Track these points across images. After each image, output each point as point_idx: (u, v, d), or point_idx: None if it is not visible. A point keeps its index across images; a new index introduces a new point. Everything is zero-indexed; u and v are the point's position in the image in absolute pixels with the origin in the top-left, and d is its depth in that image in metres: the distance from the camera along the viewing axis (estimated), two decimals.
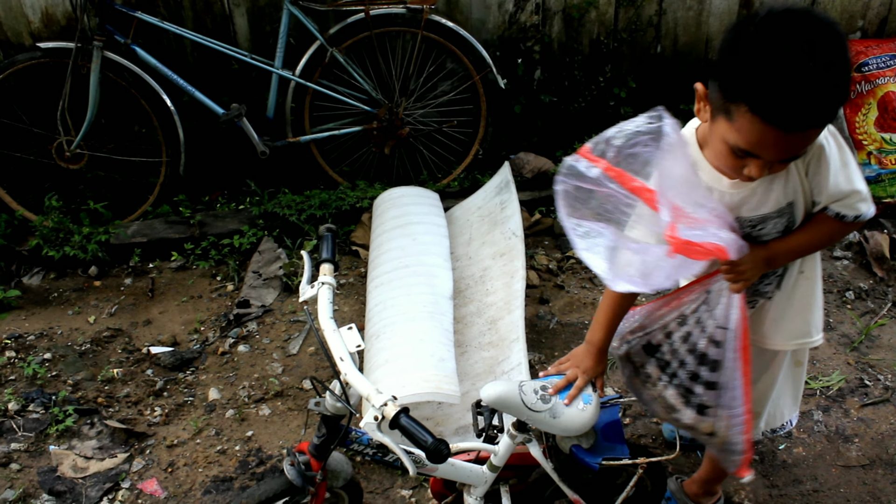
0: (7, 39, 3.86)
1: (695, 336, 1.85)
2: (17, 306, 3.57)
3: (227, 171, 4.35)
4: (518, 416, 1.94)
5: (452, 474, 2.13)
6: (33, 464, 2.76)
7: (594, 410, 1.94)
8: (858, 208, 1.71)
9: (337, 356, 1.77)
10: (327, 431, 1.95)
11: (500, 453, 2.10)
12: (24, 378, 3.13)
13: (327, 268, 1.95)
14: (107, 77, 3.76)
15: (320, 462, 2.00)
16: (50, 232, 3.75)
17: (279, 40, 3.87)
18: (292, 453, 2.02)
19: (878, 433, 2.84)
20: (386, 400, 1.66)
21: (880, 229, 3.88)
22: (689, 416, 1.92)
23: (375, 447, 2.03)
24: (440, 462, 1.62)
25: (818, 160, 1.67)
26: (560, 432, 1.96)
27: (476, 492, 2.19)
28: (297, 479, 1.97)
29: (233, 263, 3.79)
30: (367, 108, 4.10)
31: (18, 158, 4.02)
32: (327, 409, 1.90)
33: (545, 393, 1.93)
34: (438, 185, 4.23)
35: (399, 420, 1.63)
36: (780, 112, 1.44)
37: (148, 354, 3.27)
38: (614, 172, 1.68)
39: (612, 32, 4.33)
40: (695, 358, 1.86)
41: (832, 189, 1.68)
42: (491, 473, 2.14)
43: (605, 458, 2.00)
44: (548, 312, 3.48)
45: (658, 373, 1.96)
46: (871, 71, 4.13)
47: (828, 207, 1.73)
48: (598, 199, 1.70)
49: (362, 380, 1.72)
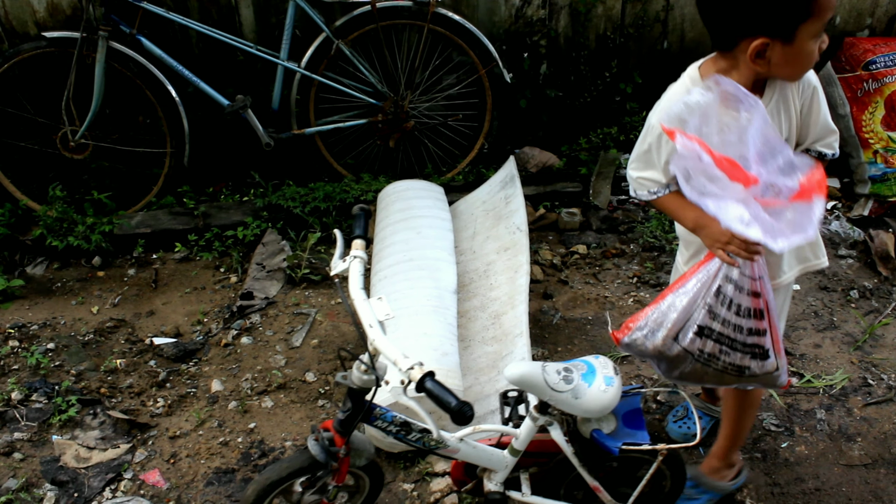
0: (12, 29, 3.85)
1: (736, 298, 1.95)
2: (20, 296, 3.57)
3: (232, 163, 4.35)
4: (540, 395, 1.96)
5: (474, 457, 2.15)
6: (36, 453, 2.77)
7: (616, 392, 1.97)
8: (834, 147, 1.96)
9: (366, 323, 1.82)
10: (353, 406, 1.96)
11: (521, 437, 2.12)
12: (27, 368, 3.13)
13: (359, 243, 2.02)
14: (112, 67, 3.75)
15: (344, 438, 2.01)
16: (54, 222, 3.75)
17: (285, 32, 3.86)
18: (317, 430, 2.04)
19: (880, 432, 2.84)
20: (413, 364, 1.70)
21: (885, 228, 3.87)
22: (755, 365, 2.04)
23: (398, 425, 2.04)
24: (464, 424, 1.66)
25: (812, 98, 1.88)
26: (581, 413, 1.98)
27: (496, 477, 2.22)
28: (321, 453, 1.99)
29: (236, 255, 3.79)
30: (373, 100, 4.09)
31: (23, 148, 4.02)
32: (354, 383, 1.92)
33: (568, 374, 1.95)
34: (443, 179, 4.23)
35: (425, 383, 1.68)
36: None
37: (151, 345, 3.27)
38: (703, 146, 1.77)
39: (618, 27, 4.31)
40: (742, 316, 1.98)
41: (821, 128, 1.91)
42: (512, 458, 2.16)
43: (625, 443, 2.02)
44: (551, 307, 3.48)
45: (717, 347, 2.02)
46: (879, 69, 4.11)
47: (810, 148, 1.95)
48: (705, 175, 1.78)
49: (390, 345, 1.77)
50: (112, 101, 3.98)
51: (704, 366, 2.07)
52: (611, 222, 4.04)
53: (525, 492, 2.25)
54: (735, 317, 1.98)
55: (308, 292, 3.59)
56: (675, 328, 2.03)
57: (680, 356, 2.07)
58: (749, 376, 2.07)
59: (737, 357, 2.03)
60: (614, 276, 3.70)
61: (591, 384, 1.95)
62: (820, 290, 3.56)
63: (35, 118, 3.96)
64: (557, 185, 4.18)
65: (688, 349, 2.04)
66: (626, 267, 3.75)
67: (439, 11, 3.93)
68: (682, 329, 2.03)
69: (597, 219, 4.04)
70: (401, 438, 2.08)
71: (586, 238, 3.95)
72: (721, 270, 1.95)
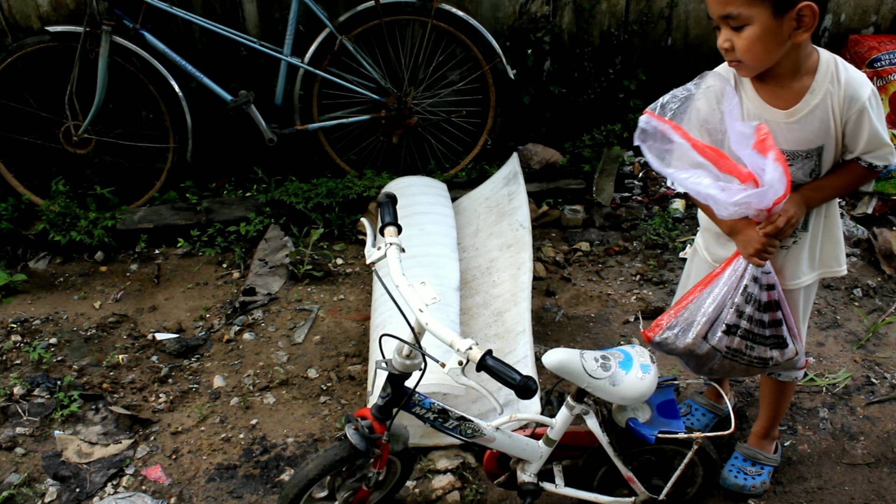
0: (16, 23, 3.85)
1: (756, 293, 2.06)
2: (23, 290, 3.57)
3: (235, 158, 4.34)
4: (578, 382, 1.98)
5: (509, 446, 2.17)
6: (38, 448, 2.77)
7: (653, 380, 1.99)
8: (889, 159, 1.97)
9: (416, 307, 1.84)
10: (392, 391, 1.98)
11: (557, 426, 2.14)
12: (29, 363, 3.13)
13: (392, 230, 2.03)
14: (115, 62, 3.75)
15: (384, 425, 2.03)
16: (56, 216, 3.75)
17: (288, 27, 3.85)
18: (353, 419, 2.06)
19: (883, 431, 2.83)
20: (470, 344, 1.74)
21: (889, 227, 3.86)
22: (777, 355, 2.15)
23: (436, 412, 2.06)
24: (530, 397, 1.69)
25: (859, 118, 1.90)
26: (618, 400, 2.00)
27: (530, 468, 2.23)
28: (361, 442, 2.00)
29: (239, 251, 3.78)
30: (376, 96, 4.08)
31: (26, 142, 4.02)
32: (395, 368, 1.95)
33: (606, 361, 1.97)
34: (446, 176, 4.22)
35: (486, 361, 1.72)
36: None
37: (153, 341, 3.27)
38: (677, 129, 1.88)
39: (622, 24, 4.30)
40: (763, 311, 2.08)
41: (871, 142, 1.93)
42: (547, 448, 2.18)
43: (661, 432, 2.03)
44: (554, 305, 3.47)
45: (743, 343, 2.12)
46: (884, 67, 4.10)
47: (860, 158, 1.97)
48: (675, 151, 1.90)
49: (444, 327, 1.80)
50: (115, 95, 3.98)
51: (732, 361, 2.16)
52: (614, 219, 4.03)
53: (559, 483, 2.27)
54: (757, 312, 2.08)
55: (310, 288, 3.58)
56: (705, 328, 2.12)
57: (709, 354, 2.16)
58: (773, 365, 2.20)
59: (761, 350, 2.14)
60: (617, 273, 3.69)
61: (628, 372, 1.97)
62: (823, 288, 3.55)
63: (38, 113, 3.95)
64: (561, 182, 4.17)
65: (716, 347, 2.13)
66: (628, 264, 3.75)
67: (443, 7, 3.92)
68: (711, 328, 2.12)
69: (600, 216, 4.03)
70: (438, 426, 2.09)
71: (589, 235, 3.94)
72: (748, 271, 2.04)
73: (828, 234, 2.17)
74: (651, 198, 4.21)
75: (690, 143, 1.86)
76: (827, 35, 4.47)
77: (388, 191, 2.16)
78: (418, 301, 1.85)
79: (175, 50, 3.81)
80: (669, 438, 2.05)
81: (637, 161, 4.42)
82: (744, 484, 2.55)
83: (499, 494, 2.59)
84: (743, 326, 2.09)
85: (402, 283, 1.90)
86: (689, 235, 3.87)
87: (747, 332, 2.10)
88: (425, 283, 1.90)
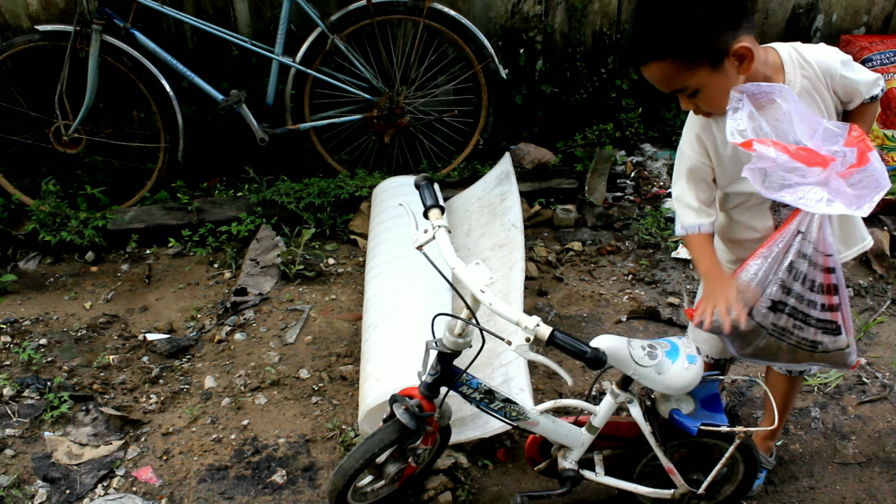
0: (5, 22, 3.83)
1: (810, 273, 1.99)
2: (12, 291, 3.55)
3: (226, 158, 4.33)
4: (625, 370, 1.98)
5: (552, 432, 2.19)
6: (28, 450, 2.75)
7: (698, 371, 1.99)
8: (881, 84, 2.00)
9: (476, 289, 1.87)
10: (441, 369, 2.03)
11: (600, 414, 2.15)
12: (19, 363, 3.12)
13: (436, 212, 2.02)
14: (105, 61, 3.73)
15: (432, 402, 2.08)
16: (47, 216, 3.73)
17: (280, 26, 3.84)
18: (400, 399, 2.10)
19: (874, 431, 2.84)
20: (537, 322, 1.78)
21: (880, 226, 3.87)
22: (828, 340, 2.08)
23: (483, 392, 2.09)
24: (600, 367, 1.75)
25: (844, 80, 1.94)
26: (663, 389, 2.00)
27: (571, 455, 2.25)
28: (412, 422, 2.05)
29: (230, 251, 3.77)
30: (368, 96, 4.07)
31: (15, 142, 4.00)
32: (446, 347, 1.99)
33: (653, 350, 1.98)
34: (438, 175, 4.21)
35: (555, 338, 1.77)
36: (625, 54, 1.79)
37: (144, 341, 3.26)
38: (777, 145, 1.84)
39: (615, 24, 4.30)
40: (816, 292, 2.01)
41: (864, 84, 1.96)
42: (589, 436, 2.20)
43: (703, 424, 2.03)
44: (546, 304, 3.47)
45: (791, 321, 2.06)
46: (875, 67, 4.11)
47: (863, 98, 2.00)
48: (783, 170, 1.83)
49: (508, 306, 1.83)
50: (106, 95, 3.96)
51: (778, 340, 2.11)
52: (606, 219, 4.03)
53: (599, 472, 2.28)
54: (809, 292, 2.02)
55: (302, 288, 3.57)
56: (749, 304, 2.09)
57: (754, 331, 2.11)
58: (822, 352, 2.12)
59: (810, 332, 2.07)
60: (609, 273, 3.69)
61: (674, 361, 1.98)
62: None
63: (28, 112, 3.94)
64: (553, 182, 4.17)
65: (761, 324, 2.08)
66: (621, 264, 3.75)
67: (435, 7, 3.91)
68: (755, 304, 2.08)
69: (592, 216, 4.03)
70: (483, 407, 2.12)
71: (581, 235, 3.94)
72: (793, 245, 1.98)
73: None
74: (643, 197, 4.22)
75: (790, 153, 1.83)
76: (819, 35, 4.48)
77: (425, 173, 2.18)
78: (478, 282, 1.87)
79: (166, 49, 3.79)
80: (712, 431, 2.05)
81: (629, 161, 4.43)
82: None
83: (490, 495, 2.59)
84: (791, 304, 2.04)
85: (459, 265, 1.91)
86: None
87: (795, 311, 2.05)
88: (480, 264, 1.93)
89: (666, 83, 1.84)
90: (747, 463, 2.28)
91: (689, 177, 2.06)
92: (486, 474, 2.67)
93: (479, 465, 2.69)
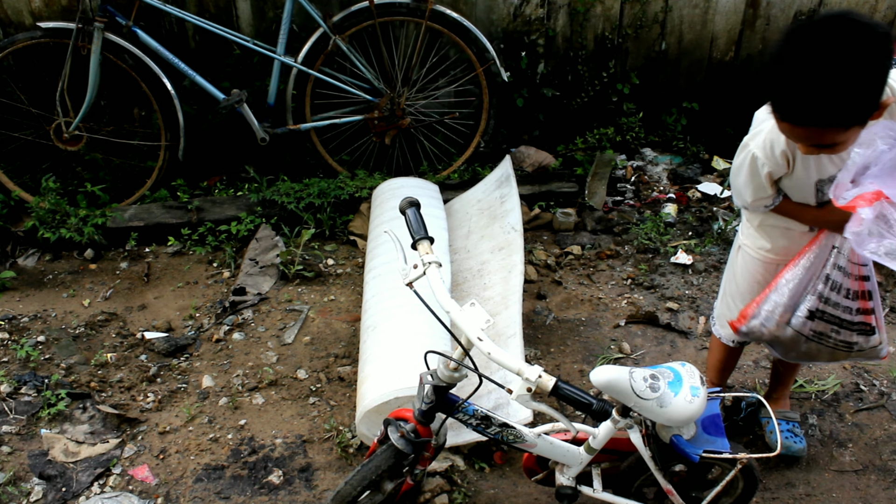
0: (7, 18, 3.83)
1: (845, 283, 2.14)
2: (11, 287, 3.55)
3: (226, 157, 4.33)
4: (625, 401, 1.95)
5: (550, 452, 2.18)
6: (24, 447, 2.75)
7: (701, 403, 1.94)
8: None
9: (473, 336, 1.84)
10: (436, 398, 2.03)
11: (599, 436, 2.14)
12: (16, 360, 3.12)
13: (426, 245, 1.96)
14: (107, 59, 3.73)
15: (427, 427, 2.09)
16: (46, 213, 3.73)
17: (282, 27, 3.84)
18: (395, 423, 2.11)
19: (871, 438, 2.84)
20: (539, 373, 1.78)
21: None
22: (863, 341, 2.25)
23: (479, 418, 2.09)
24: (605, 419, 1.77)
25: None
26: (665, 422, 1.97)
27: (569, 472, 2.25)
28: (408, 447, 2.08)
29: (229, 250, 3.77)
30: (369, 97, 4.07)
31: (16, 139, 4.00)
32: (441, 380, 1.99)
33: (655, 382, 1.93)
34: (438, 177, 4.21)
35: (560, 390, 1.78)
36: (789, 111, 1.74)
37: (142, 340, 3.26)
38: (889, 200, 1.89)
39: (616, 28, 4.30)
40: (851, 298, 2.16)
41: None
42: (587, 455, 2.19)
43: (705, 451, 2.01)
44: (545, 308, 3.47)
45: (829, 326, 2.23)
46: None
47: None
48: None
49: (509, 356, 1.82)
50: (107, 93, 3.96)
51: (818, 344, 2.27)
52: (606, 223, 4.03)
53: (596, 487, 2.28)
54: (844, 299, 2.17)
55: (301, 289, 3.57)
56: (787, 314, 2.23)
57: (793, 339, 2.26)
58: (857, 351, 2.29)
59: (846, 335, 2.24)
60: (608, 277, 3.69)
61: (677, 394, 1.92)
62: None
63: (29, 109, 3.94)
64: (553, 185, 4.17)
65: (800, 331, 2.24)
66: (620, 268, 3.75)
67: (437, 9, 3.91)
68: (793, 314, 2.22)
69: (592, 219, 4.03)
70: (480, 431, 2.13)
71: (581, 239, 3.94)
72: (829, 260, 2.13)
73: None
74: (643, 202, 4.22)
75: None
76: None
77: (410, 197, 2.10)
78: (474, 328, 1.85)
79: (168, 48, 3.79)
80: (714, 458, 2.04)
81: (629, 165, 4.43)
82: (804, 446, 2.71)
83: (487, 498, 2.59)
84: (828, 312, 2.19)
85: (453, 308, 1.88)
86: (681, 240, 3.88)
87: (833, 317, 2.20)
88: (475, 304, 1.89)
89: (816, 139, 1.80)
90: (747, 479, 2.27)
91: (768, 178, 2.11)
92: (483, 477, 2.67)
93: (476, 468, 2.69)
